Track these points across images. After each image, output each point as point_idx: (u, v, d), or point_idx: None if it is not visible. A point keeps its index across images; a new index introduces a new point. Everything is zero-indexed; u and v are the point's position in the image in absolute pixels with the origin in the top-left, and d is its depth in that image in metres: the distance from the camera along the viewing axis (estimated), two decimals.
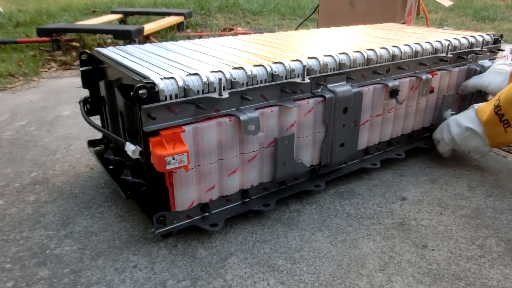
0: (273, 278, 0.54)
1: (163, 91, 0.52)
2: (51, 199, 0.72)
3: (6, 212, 0.68)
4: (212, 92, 0.56)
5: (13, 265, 0.56)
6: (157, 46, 0.77)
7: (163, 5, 3.53)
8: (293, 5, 3.77)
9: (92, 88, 0.76)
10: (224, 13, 3.46)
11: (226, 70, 0.58)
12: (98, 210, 0.69)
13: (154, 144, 0.52)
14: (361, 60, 0.73)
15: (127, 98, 0.58)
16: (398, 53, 0.78)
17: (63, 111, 1.18)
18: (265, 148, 0.64)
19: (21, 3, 3.92)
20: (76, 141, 0.96)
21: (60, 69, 1.70)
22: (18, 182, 0.78)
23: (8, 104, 1.24)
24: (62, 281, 0.53)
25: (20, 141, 0.96)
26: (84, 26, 2.10)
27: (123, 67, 0.61)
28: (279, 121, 0.64)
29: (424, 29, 1.07)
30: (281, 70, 0.63)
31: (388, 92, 0.76)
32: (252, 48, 0.76)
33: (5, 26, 2.51)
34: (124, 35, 1.89)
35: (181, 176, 0.56)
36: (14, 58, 1.76)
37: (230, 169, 0.61)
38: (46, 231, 0.63)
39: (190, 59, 0.66)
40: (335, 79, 0.69)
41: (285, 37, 0.89)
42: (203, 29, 2.74)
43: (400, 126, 0.85)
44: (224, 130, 0.58)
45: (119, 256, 0.58)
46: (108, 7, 3.20)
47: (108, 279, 0.53)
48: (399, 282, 0.54)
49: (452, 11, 3.73)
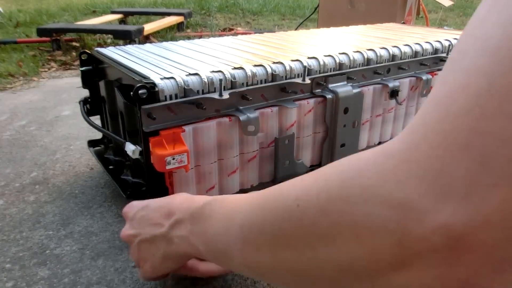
0: None
1: (163, 91, 0.52)
2: (51, 199, 0.72)
3: (6, 212, 0.68)
4: (212, 92, 0.56)
5: (13, 265, 0.56)
6: (157, 46, 0.77)
7: (163, 5, 3.54)
8: (293, 5, 3.77)
9: (92, 88, 0.76)
10: (224, 13, 3.46)
11: (226, 70, 0.58)
12: (98, 210, 0.69)
13: (154, 144, 0.52)
14: (361, 60, 0.73)
15: (127, 98, 0.58)
16: (398, 53, 0.78)
17: (63, 111, 1.18)
18: (265, 148, 0.64)
19: (21, 3, 3.92)
20: (76, 141, 0.96)
21: (60, 69, 1.70)
22: (18, 182, 0.78)
23: (8, 104, 1.24)
24: (62, 281, 0.53)
25: (20, 141, 0.96)
26: (84, 26, 2.10)
27: (123, 67, 0.61)
28: (279, 121, 0.64)
29: (424, 29, 1.07)
30: (281, 70, 0.63)
31: (388, 92, 0.76)
32: (252, 48, 0.76)
33: (5, 26, 2.51)
34: (124, 35, 1.89)
35: (181, 176, 0.56)
36: (14, 58, 1.76)
37: (230, 169, 0.61)
38: (46, 231, 0.63)
39: (190, 59, 0.66)
40: (335, 79, 0.69)
41: (285, 37, 0.89)
42: (203, 29, 2.74)
43: (400, 126, 0.85)
44: (224, 130, 0.58)
45: (119, 256, 0.58)
46: (108, 7, 3.20)
47: (108, 279, 0.53)
48: None
49: (452, 11, 3.72)
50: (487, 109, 0.18)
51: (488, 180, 0.18)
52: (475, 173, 0.18)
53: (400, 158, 0.21)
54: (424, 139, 0.20)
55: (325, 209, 0.23)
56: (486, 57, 0.19)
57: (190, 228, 0.39)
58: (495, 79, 0.18)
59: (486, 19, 0.21)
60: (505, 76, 0.18)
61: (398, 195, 0.20)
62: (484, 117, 0.18)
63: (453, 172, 0.18)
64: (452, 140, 0.19)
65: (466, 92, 0.19)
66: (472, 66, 0.20)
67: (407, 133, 0.22)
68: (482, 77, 0.19)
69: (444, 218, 0.18)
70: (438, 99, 0.21)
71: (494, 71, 0.19)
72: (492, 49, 0.19)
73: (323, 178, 0.25)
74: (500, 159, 0.17)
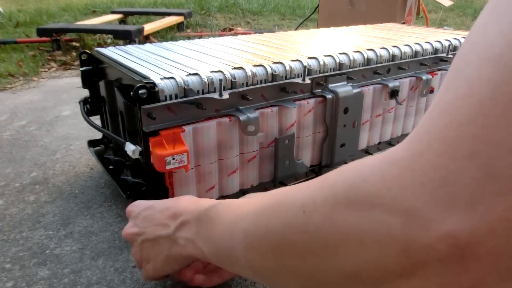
0: None
1: (163, 91, 0.52)
2: (51, 199, 0.72)
3: (6, 212, 0.68)
4: (212, 92, 0.56)
5: (13, 265, 0.56)
6: (157, 46, 0.77)
7: (163, 5, 3.54)
8: (293, 5, 3.77)
9: (92, 88, 0.76)
10: (224, 13, 3.46)
11: (226, 70, 0.58)
12: (98, 210, 0.69)
13: (154, 144, 0.52)
14: (361, 60, 0.73)
15: (127, 98, 0.58)
16: (398, 53, 0.78)
17: (63, 111, 1.18)
18: (265, 148, 0.64)
19: (21, 3, 3.92)
20: (76, 141, 0.96)
21: (60, 69, 1.70)
22: (18, 182, 0.78)
23: (8, 104, 1.24)
24: (62, 281, 0.53)
25: (20, 141, 0.96)
26: (84, 26, 2.10)
27: (123, 67, 0.61)
28: (279, 121, 0.64)
29: (424, 29, 1.07)
30: (281, 70, 0.63)
31: (388, 92, 0.76)
32: (252, 48, 0.76)
33: (5, 26, 2.51)
34: (124, 35, 1.89)
35: (181, 176, 0.56)
36: (14, 58, 1.76)
37: (230, 169, 0.61)
38: (46, 231, 0.63)
39: (190, 59, 0.66)
40: (335, 79, 0.69)
41: (285, 37, 0.89)
42: (203, 29, 2.74)
43: (400, 126, 0.85)
44: (224, 130, 0.58)
45: (119, 256, 0.58)
46: (108, 7, 3.20)
47: (108, 279, 0.53)
48: None
49: (452, 11, 3.73)
50: (491, 117, 0.18)
51: (493, 189, 0.17)
52: (479, 182, 0.18)
53: (404, 166, 0.21)
54: (429, 147, 0.20)
55: (330, 216, 0.23)
56: (489, 65, 0.19)
57: (195, 230, 0.40)
58: (498, 86, 0.18)
59: (487, 26, 0.21)
60: (508, 84, 0.18)
61: (403, 202, 0.20)
62: (488, 125, 0.18)
63: (458, 181, 0.18)
64: (456, 148, 0.19)
65: (469, 100, 0.19)
66: (475, 74, 0.20)
67: (411, 141, 0.22)
68: (485, 85, 0.19)
69: (449, 227, 0.18)
70: (442, 107, 0.21)
71: (497, 79, 0.19)
72: (494, 57, 0.19)
73: (328, 185, 0.25)
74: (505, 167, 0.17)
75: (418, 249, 0.19)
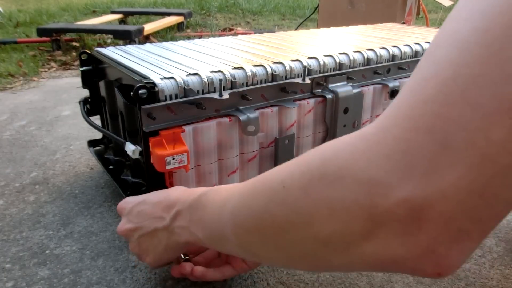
0: (272, 278, 0.54)
1: (163, 91, 0.52)
2: (51, 199, 0.72)
3: (6, 212, 0.68)
4: (212, 92, 0.56)
5: (13, 265, 0.56)
6: (157, 46, 0.77)
7: (163, 5, 3.54)
8: (293, 5, 3.77)
9: (92, 88, 0.76)
10: (224, 13, 3.46)
11: (226, 70, 0.58)
12: (98, 210, 0.69)
13: (154, 144, 0.52)
14: (361, 60, 0.73)
15: (127, 98, 0.58)
16: (398, 53, 0.78)
17: (63, 111, 1.18)
18: (265, 148, 0.64)
19: (21, 3, 3.92)
20: (76, 141, 0.96)
21: (60, 69, 1.70)
22: (18, 182, 0.78)
23: (8, 104, 1.24)
24: (62, 281, 0.53)
25: (20, 141, 0.96)
26: (84, 26, 2.10)
27: (123, 67, 0.61)
28: (279, 121, 0.64)
29: (424, 29, 1.07)
30: (281, 70, 0.63)
31: (388, 92, 0.76)
32: (252, 48, 0.76)
33: (5, 26, 2.51)
34: (124, 35, 1.89)
35: (181, 176, 0.56)
36: (14, 58, 1.76)
37: (230, 169, 0.61)
38: (46, 231, 0.63)
39: (190, 59, 0.66)
40: (335, 79, 0.69)
41: (285, 37, 0.89)
42: (203, 29, 2.74)
43: None
44: (224, 130, 0.58)
45: (119, 256, 0.58)
46: (108, 7, 3.20)
47: (108, 279, 0.53)
48: (399, 282, 0.54)
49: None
50: (450, 96, 0.20)
51: (447, 160, 0.20)
52: (436, 154, 0.20)
53: (372, 140, 0.23)
54: (395, 122, 0.22)
55: (306, 188, 0.25)
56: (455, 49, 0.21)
57: (189, 218, 0.41)
58: (460, 68, 0.20)
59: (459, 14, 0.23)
60: (469, 66, 0.20)
61: (368, 172, 0.22)
62: (447, 103, 0.20)
63: (417, 153, 0.20)
64: (419, 124, 0.21)
65: (434, 81, 0.21)
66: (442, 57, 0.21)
67: (381, 119, 0.23)
68: (448, 66, 0.21)
69: (406, 193, 0.21)
70: (411, 87, 0.23)
71: (460, 62, 0.20)
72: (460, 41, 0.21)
73: (305, 161, 0.27)
74: (458, 142, 0.19)
75: (381, 213, 0.22)
